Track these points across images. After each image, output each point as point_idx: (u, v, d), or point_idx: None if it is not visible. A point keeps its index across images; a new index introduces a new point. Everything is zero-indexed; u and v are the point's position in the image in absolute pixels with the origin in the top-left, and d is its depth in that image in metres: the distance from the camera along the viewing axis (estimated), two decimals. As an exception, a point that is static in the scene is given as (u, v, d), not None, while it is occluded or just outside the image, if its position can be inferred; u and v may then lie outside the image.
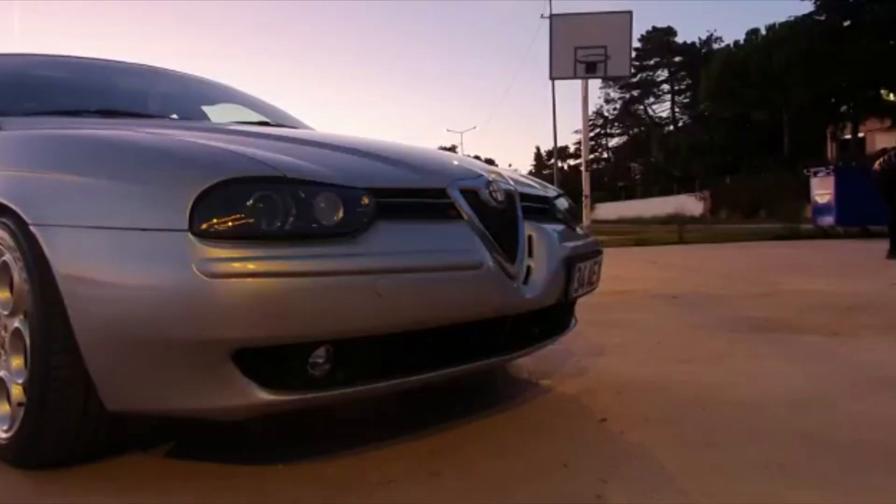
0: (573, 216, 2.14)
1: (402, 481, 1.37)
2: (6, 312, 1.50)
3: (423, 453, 1.51)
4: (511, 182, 1.78)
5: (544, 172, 49.48)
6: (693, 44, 45.01)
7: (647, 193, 39.89)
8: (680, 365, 2.36)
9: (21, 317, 1.45)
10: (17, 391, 1.48)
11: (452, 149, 46.79)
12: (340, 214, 1.32)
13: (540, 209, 1.92)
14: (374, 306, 1.29)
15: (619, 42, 9.51)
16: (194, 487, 1.37)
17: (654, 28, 45.47)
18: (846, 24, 26.86)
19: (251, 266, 1.20)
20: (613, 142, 52.70)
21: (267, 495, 1.32)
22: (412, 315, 1.37)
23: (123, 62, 2.85)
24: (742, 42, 32.81)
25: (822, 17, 27.42)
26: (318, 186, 1.32)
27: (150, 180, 1.30)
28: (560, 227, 1.93)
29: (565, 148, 51.68)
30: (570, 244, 1.86)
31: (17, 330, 1.46)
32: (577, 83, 10.33)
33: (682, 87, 46.46)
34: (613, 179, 49.01)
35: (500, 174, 1.80)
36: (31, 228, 1.38)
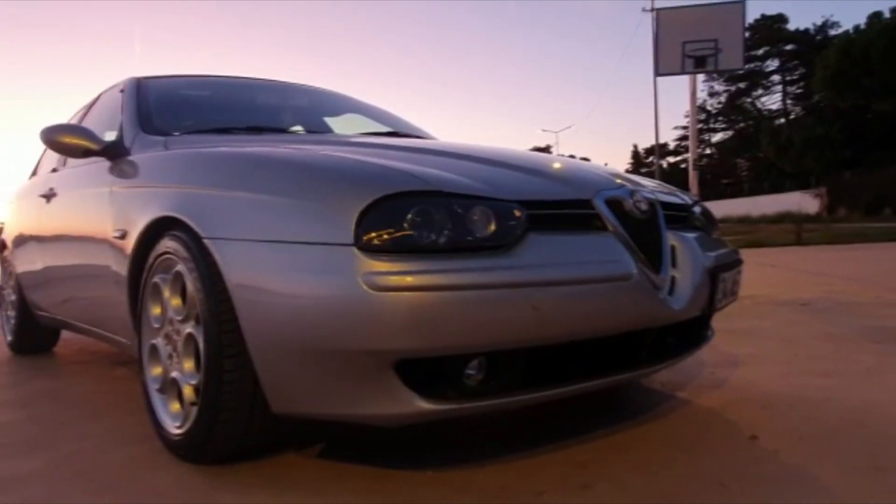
0: (711, 223, 2.07)
1: (554, 492, 1.36)
2: (179, 318, 1.62)
3: (570, 465, 1.51)
4: (650, 190, 1.74)
5: (642, 171, 47.99)
6: (806, 30, 42.25)
7: (754, 191, 37.84)
8: (825, 379, 2.22)
9: (193, 323, 1.57)
10: (188, 391, 1.60)
11: (547, 149, 46.27)
12: (493, 227, 1.33)
13: (679, 217, 1.86)
14: (529, 319, 1.30)
15: (730, 34, 9.05)
16: (349, 489, 1.42)
17: (763, 16, 43.01)
18: None
19: (411, 279, 1.23)
20: (717, 137, 50.34)
21: (422, 499, 1.35)
22: (565, 327, 1.37)
23: (258, 79, 3.02)
24: (863, 27, 30.49)
25: (958, -4, 25.05)
26: (472, 200, 1.35)
27: (315, 196, 1.37)
28: (700, 235, 1.87)
29: (664, 145, 49.99)
30: (713, 253, 1.80)
31: (189, 335, 1.58)
32: (678, 78, 9.97)
33: (795, 77, 43.67)
34: (717, 177, 46.81)
35: (639, 182, 1.77)
36: (205, 241, 1.49)
